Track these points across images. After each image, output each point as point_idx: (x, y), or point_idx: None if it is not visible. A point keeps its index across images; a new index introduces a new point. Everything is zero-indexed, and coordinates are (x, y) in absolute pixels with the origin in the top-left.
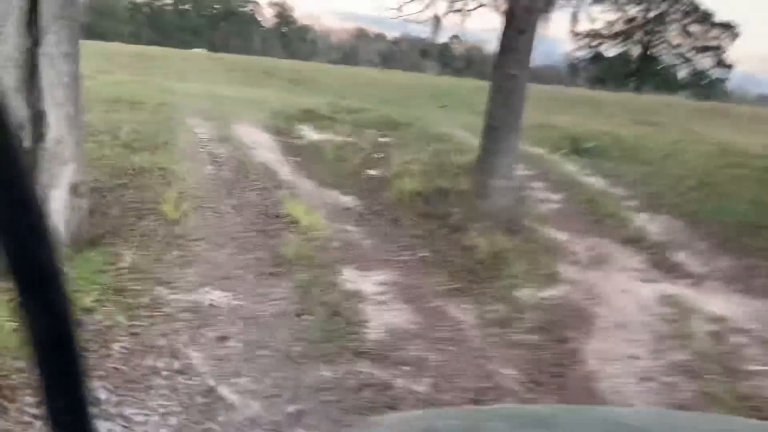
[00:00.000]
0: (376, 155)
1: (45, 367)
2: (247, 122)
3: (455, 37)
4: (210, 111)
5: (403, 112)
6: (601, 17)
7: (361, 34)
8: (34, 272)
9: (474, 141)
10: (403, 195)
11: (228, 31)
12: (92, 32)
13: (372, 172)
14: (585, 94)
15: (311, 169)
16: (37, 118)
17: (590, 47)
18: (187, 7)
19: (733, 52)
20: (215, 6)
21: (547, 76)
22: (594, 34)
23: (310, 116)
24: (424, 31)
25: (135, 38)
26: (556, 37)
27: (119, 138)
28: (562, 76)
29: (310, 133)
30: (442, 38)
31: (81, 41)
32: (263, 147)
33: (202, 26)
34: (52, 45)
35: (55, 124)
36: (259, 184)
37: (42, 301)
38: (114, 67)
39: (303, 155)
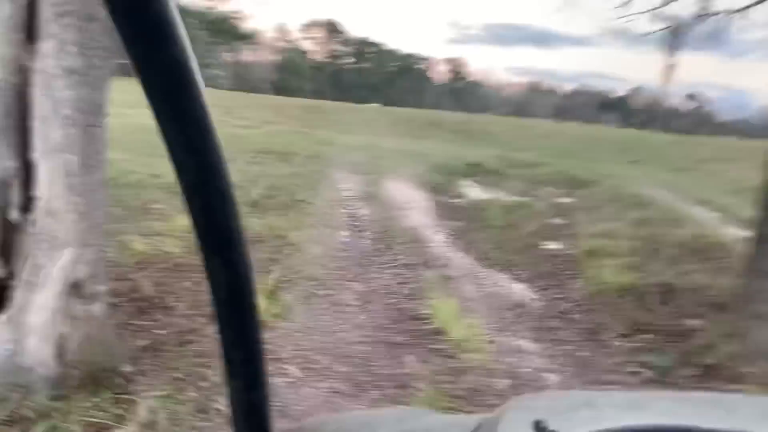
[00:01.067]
0: (556, 221)
1: (225, 321)
2: (403, 177)
3: (636, 89)
4: (364, 164)
5: (586, 167)
6: None
7: (533, 88)
8: (218, 234)
9: (686, 208)
10: (605, 288)
11: (403, 88)
12: (278, 88)
13: (552, 245)
14: None
15: (472, 239)
16: (26, 173)
17: None
18: (366, 65)
19: None
20: (392, 64)
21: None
22: None
23: (475, 171)
24: (600, 84)
25: (317, 94)
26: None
27: (249, 195)
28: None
29: (474, 191)
30: (621, 90)
31: (258, 94)
32: (416, 208)
33: (380, 83)
34: (49, 56)
35: (47, 183)
36: (402, 259)
37: (224, 260)
38: (280, 118)
39: (463, 219)
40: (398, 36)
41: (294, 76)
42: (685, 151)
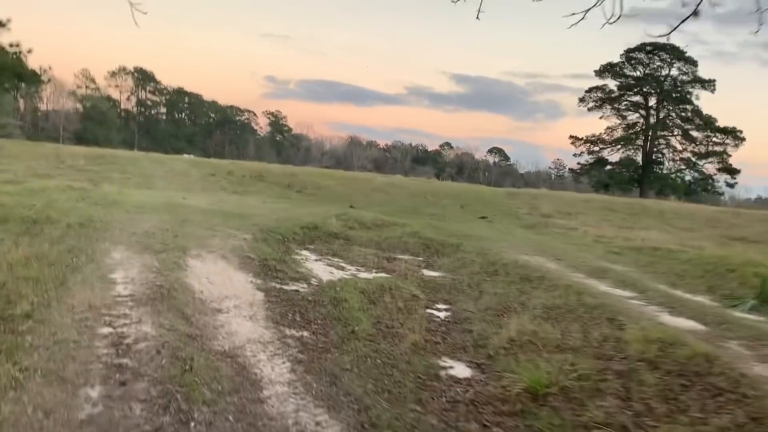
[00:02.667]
0: (440, 311)
1: None
2: (216, 252)
3: (446, 144)
4: (162, 233)
5: (438, 226)
6: (600, 123)
7: (353, 142)
8: None
9: (592, 282)
10: None
11: (222, 139)
12: (82, 138)
13: (458, 369)
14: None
15: (331, 369)
16: None
17: (590, 153)
18: (181, 116)
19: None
20: (211, 115)
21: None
22: (595, 140)
23: (314, 235)
24: (411, 139)
25: (127, 145)
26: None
27: None
28: (555, 182)
29: (318, 268)
30: (433, 145)
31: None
32: (236, 307)
33: (197, 134)
34: None
35: None
36: None
37: None
38: (60, 170)
39: (312, 323)
40: (214, 88)
41: (99, 125)
42: (522, 204)
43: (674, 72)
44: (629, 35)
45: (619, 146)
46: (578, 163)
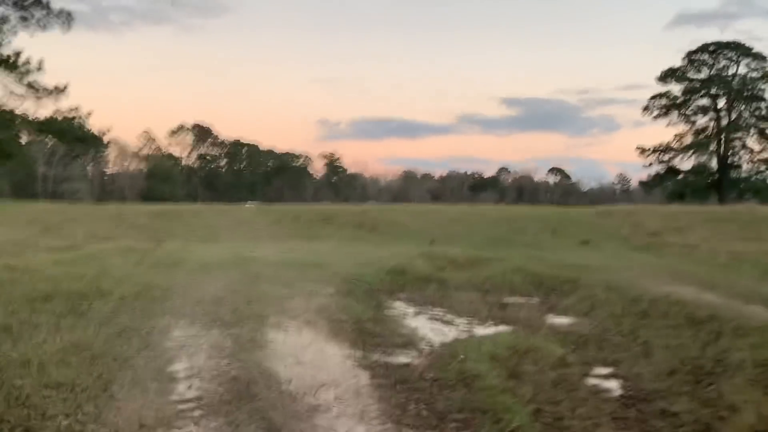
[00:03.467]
0: (611, 383)
1: None
2: (300, 317)
3: (504, 169)
4: (230, 297)
5: (540, 257)
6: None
7: (408, 176)
8: None
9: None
10: None
11: (281, 185)
12: (147, 197)
13: None
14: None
15: None
16: None
17: (660, 162)
18: (240, 166)
19: None
20: (268, 163)
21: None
22: (664, 149)
23: (403, 281)
24: (467, 166)
25: (191, 198)
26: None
27: None
28: (621, 196)
29: (421, 326)
30: (490, 171)
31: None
32: (339, 400)
33: (256, 183)
34: None
35: None
36: None
37: None
38: (121, 230)
39: (442, 417)
40: (270, 136)
41: (163, 182)
42: (619, 222)
43: (742, 69)
44: (677, 41)
45: (690, 153)
46: (648, 175)
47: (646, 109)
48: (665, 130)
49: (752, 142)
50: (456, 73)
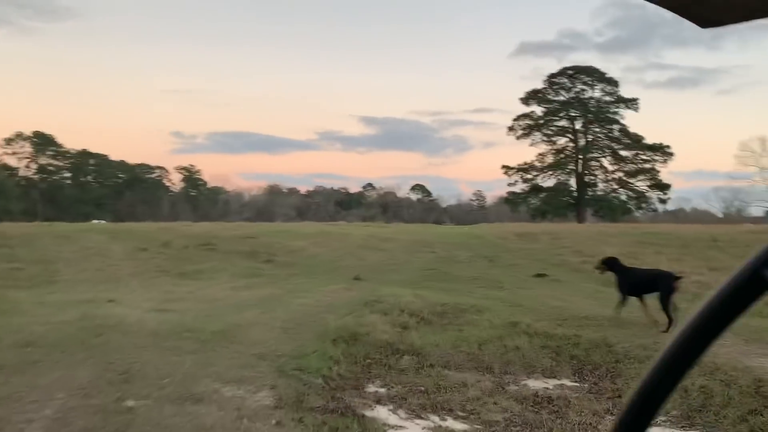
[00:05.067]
0: None
1: None
2: None
3: (369, 185)
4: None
5: (519, 302)
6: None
7: (273, 191)
8: None
9: None
10: None
11: (134, 200)
12: None
13: None
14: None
15: None
16: None
17: (524, 181)
18: (88, 179)
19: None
20: (119, 175)
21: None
22: (527, 167)
23: (362, 355)
24: (331, 183)
25: (29, 215)
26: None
27: None
28: (478, 213)
29: None
30: (354, 187)
31: None
32: None
33: (105, 197)
34: None
35: None
36: None
37: None
38: None
39: None
40: (120, 148)
41: None
42: (553, 247)
43: (597, 93)
44: (521, 69)
45: (551, 172)
46: (510, 192)
47: (511, 129)
48: (515, 151)
49: (606, 162)
50: (316, 89)
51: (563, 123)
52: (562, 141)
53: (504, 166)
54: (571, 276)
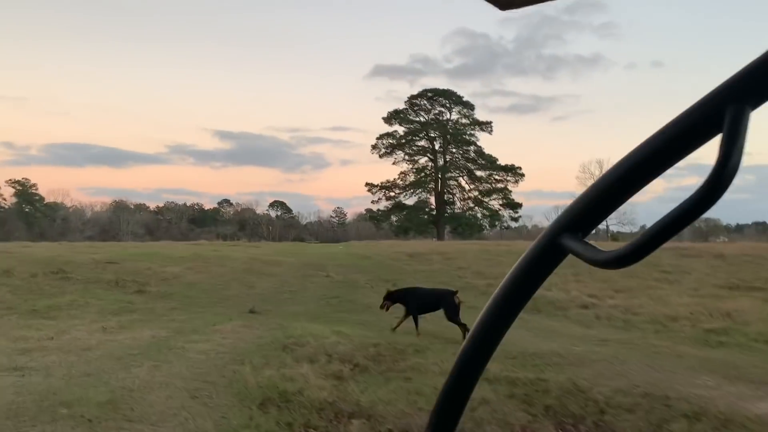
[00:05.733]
0: None
1: None
2: None
3: (225, 201)
4: None
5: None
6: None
7: (119, 206)
8: None
9: None
10: None
11: None
12: None
13: None
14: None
15: None
16: None
17: (388, 198)
18: None
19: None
20: None
21: (323, 231)
22: (389, 185)
23: None
24: (182, 199)
25: None
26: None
27: None
28: (339, 230)
29: None
30: (208, 204)
31: None
32: None
33: None
34: None
35: None
36: None
37: None
38: None
39: None
40: None
41: None
42: (458, 269)
43: (455, 116)
44: (376, 90)
45: (412, 190)
46: (377, 210)
47: (375, 147)
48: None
49: (463, 182)
50: (166, 100)
51: (423, 143)
52: (422, 160)
53: (368, 184)
54: (484, 300)
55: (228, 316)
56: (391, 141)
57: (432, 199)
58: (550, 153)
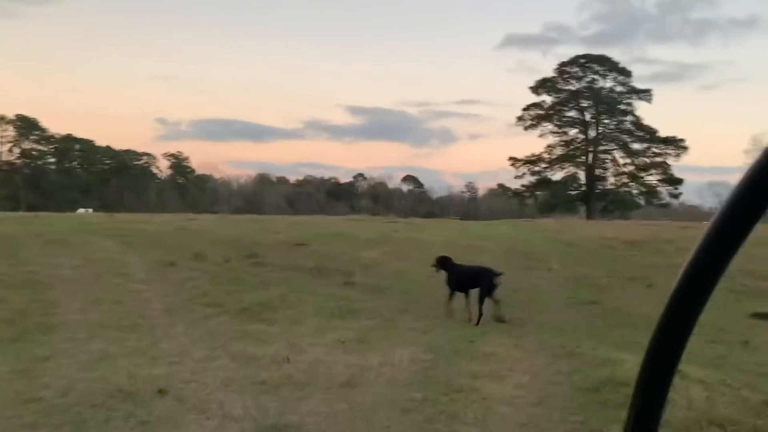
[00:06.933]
0: None
1: None
2: None
3: (360, 175)
4: None
5: None
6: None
7: (262, 179)
8: None
9: None
10: None
11: (120, 187)
12: None
13: None
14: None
15: None
16: None
17: (533, 173)
18: (73, 164)
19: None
20: (106, 162)
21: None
22: (535, 159)
23: None
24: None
25: (11, 201)
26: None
27: None
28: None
29: None
30: (342, 177)
31: None
32: None
33: (92, 183)
34: None
35: None
36: None
37: None
38: None
39: None
40: (104, 133)
41: None
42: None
43: (609, 83)
44: (507, 61)
45: (561, 164)
46: (521, 185)
47: (520, 118)
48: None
49: (617, 155)
50: (302, 77)
51: (573, 113)
52: (572, 132)
53: (511, 158)
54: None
55: (478, 328)
56: (538, 111)
57: (581, 175)
58: (697, 124)
